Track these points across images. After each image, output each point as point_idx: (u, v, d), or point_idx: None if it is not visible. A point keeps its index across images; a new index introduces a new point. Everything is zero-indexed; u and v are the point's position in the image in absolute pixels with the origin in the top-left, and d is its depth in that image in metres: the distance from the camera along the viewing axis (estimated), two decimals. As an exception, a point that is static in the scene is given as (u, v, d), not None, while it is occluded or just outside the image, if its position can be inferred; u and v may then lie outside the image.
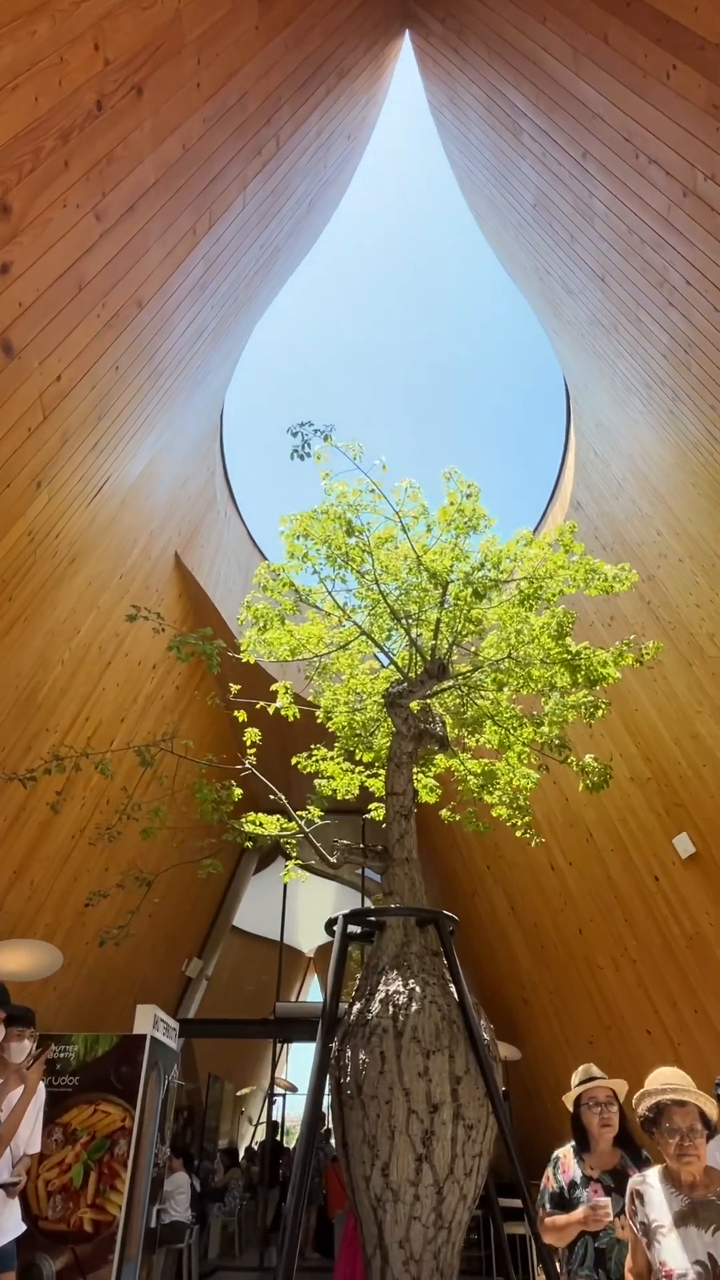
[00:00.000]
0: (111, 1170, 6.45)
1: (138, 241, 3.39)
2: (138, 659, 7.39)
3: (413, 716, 6.04)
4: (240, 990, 15.14)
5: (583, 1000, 8.42)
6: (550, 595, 5.83)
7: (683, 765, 7.08)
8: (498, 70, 4.26)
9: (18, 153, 2.60)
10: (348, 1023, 4.93)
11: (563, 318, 5.71)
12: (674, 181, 3.45)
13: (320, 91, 4.18)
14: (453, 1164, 4.50)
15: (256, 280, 4.85)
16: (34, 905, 6.82)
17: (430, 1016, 4.75)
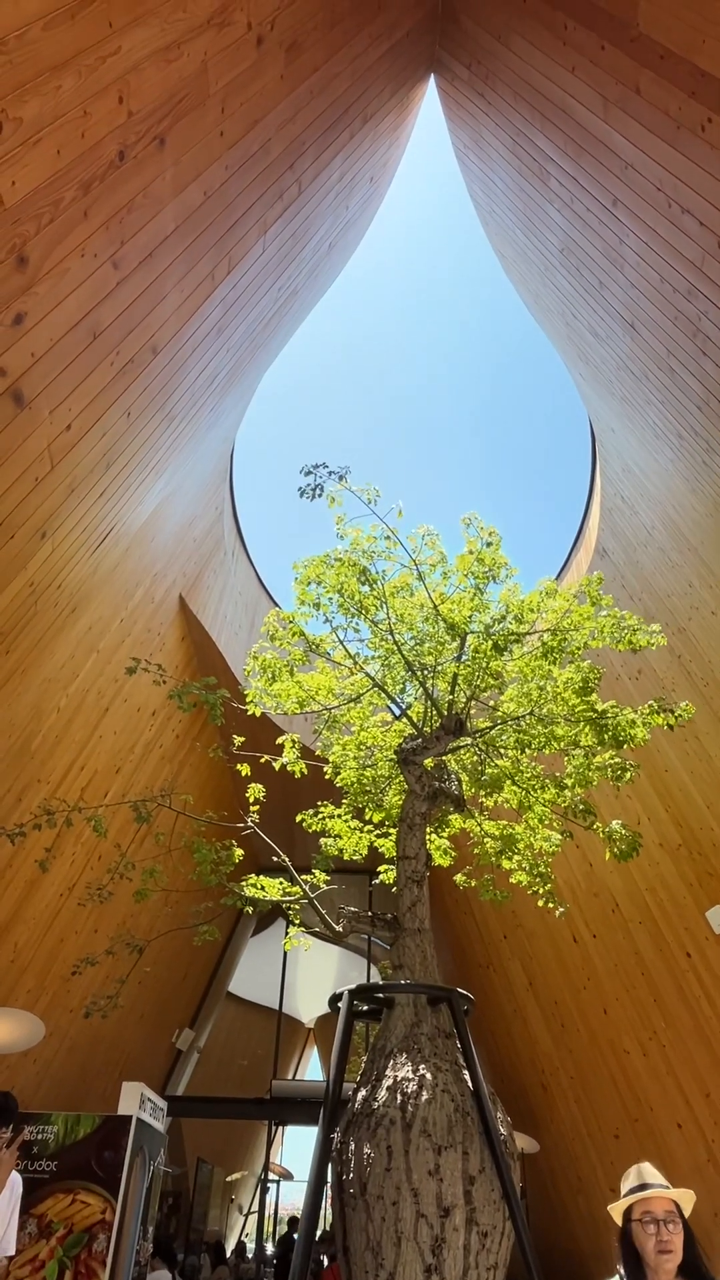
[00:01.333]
0: (89, 1269, 6.24)
1: (155, 288, 3.49)
2: (136, 705, 7.40)
3: (427, 774, 6.00)
4: (234, 1064, 14.80)
5: (607, 1088, 8.17)
6: (575, 649, 5.82)
7: (717, 832, 6.98)
8: (524, 116, 4.42)
9: (38, 204, 2.70)
10: (352, 1111, 4.81)
11: (589, 362, 5.81)
12: (708, 232, 3.54)
13: (344, 136, 4.34)
14: (465, 1276, 4.35)
15: (273, 323, 4.97)
16: (16, 970, 6.74)
17: (442, 1107, 4.63)
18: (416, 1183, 4.38)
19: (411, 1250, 4.29)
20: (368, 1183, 4.44)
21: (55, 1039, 7.65)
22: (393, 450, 46.06)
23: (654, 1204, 2.70)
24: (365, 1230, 4.42)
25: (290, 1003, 14.64)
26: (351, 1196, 4.44)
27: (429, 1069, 4.79)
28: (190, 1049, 11.81)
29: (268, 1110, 11.19)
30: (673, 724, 5.51)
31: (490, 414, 41.27)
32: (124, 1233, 6.58)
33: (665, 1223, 2.61)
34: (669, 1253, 2.55)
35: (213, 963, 12.82)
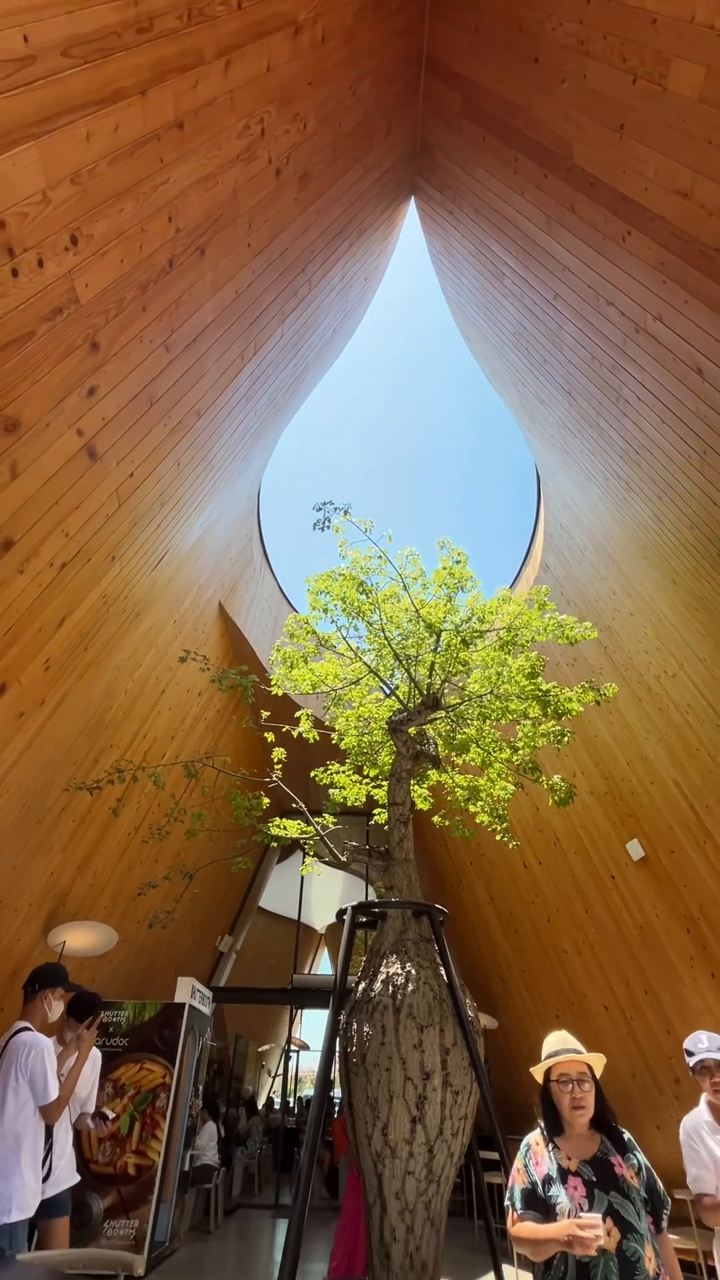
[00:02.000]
0: (153, 1120, 6.26)
1: (197, 366, 3.47)
2: (186, 687, 7.37)
3: (411, 740, 6.01)
4: (263, 962, 14.82)
5: (549, 979, 8.19)
6: (524, 642, 5.82)
7: (634, 783, 6.98)
8: (484, 229, 4.39)
9: (106, 302, 2.68)
10: (354, 999, 4.81)
11: (536, 420, 5.79)
12: (628, 320, 3.52)
13: (345, 245, 4.30)
14: (442, 1125, 4.35)
15: (290, 391, 4.94)
16: (95, 891, 6.73)
17: (424, 995, 4.63)
18: (404, 1054, 4.38)
19: (400, 1105, 4.29)
20: (366, 1054, 4.45)
21: (126, 944, 7.65)
22: (381, 486, 45.96)
23: (569, 1066, 2.49)
24: (365, 1091, 4.43)
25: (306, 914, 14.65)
26: (354, 1065, 4.45)
27: (413, 966, 4.79)
28: (230, 951, 11.83)
29: (289, 997, 11.20)
30: (601, 700, 5.51)
31: (458, 460, 41.23)
32: (179, 1093, 6.60)
33: (579, 1082, 2.42)
34: (581, 1108, 2.38)
35: (246, 884, 12.84)
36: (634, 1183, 2.18)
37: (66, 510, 3.14)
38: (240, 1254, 7.09)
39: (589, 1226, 1.95)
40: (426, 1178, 4.21)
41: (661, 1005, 6.75)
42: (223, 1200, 8.13)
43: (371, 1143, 4.30)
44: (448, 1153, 4.32)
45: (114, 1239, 5.73)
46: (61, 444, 2.84)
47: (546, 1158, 2.33)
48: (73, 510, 3.18)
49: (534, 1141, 2.48)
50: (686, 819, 6.35)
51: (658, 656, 6.25)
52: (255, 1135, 11.26)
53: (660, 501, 4.35)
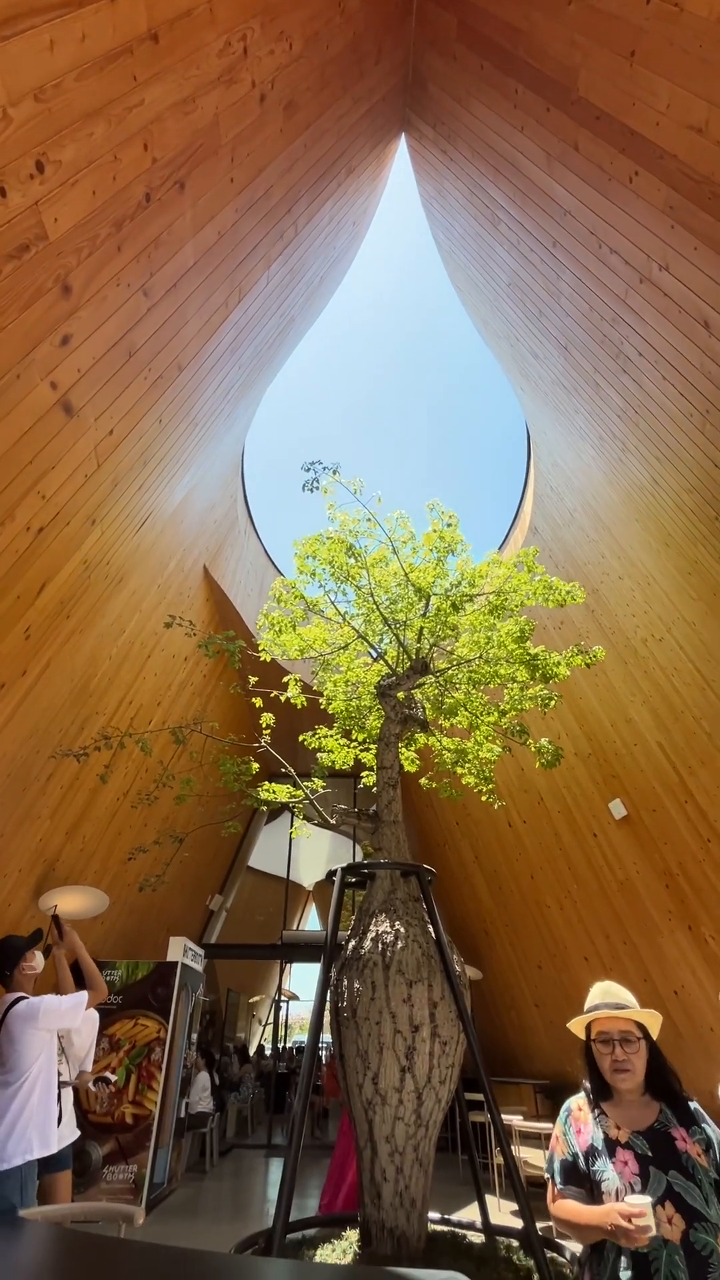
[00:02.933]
0: (149, 1073, 6.40)
1: (179, 314, 3.22)
2: (172, 653, 7.24)
3: (399, 704, 5.97)
4: (253, 919, 15.10)
5: (532, 932, 8.42)
6: (514, 606, 5.75)
7: (618, 744, 7.05)
8: (480, 169, 4.12)
9: (77, 239, 2.45)
10: (344, 956, 4.88)
11: (529, 377, 5.59)
12: (632, 269, 3.33)
13: (332, 185, 4.01)
14: (430, 1074, 4.46)
15: (275, 344, 4.68)
16: (85, 857, 6.71)
17: (412, 952, 4.70)
18: (394, 1008, 4.46)
19: (390, 1056, 4.38)
20: (357, 1008, 4.52)
21: (117, 906, 7.68)
22: (367, 445, 44.92)
23: (608, 1024, 2.07)
24: (356, 1043, 4.51)
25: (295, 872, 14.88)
26: (346, 1019, 4.52)
27: (402, 924, 4.85)
28: (220, 909, 12.01)
29: (279, 952, 11.47)
30: (590, 663, 5.49)
31: (449, 418, 40.27)
32: (174, 1046, 6.74)
33: (622, 1043, 2.02)
34: (626, 1072, 1.98)
35: (236, 844, 12.97)
36: (701, 1161, 1.79)
37: (42, 470, 2.94)
38: (235, 1191, 7.36)
39: (635, 1215, 1.61)
40: (415, 1122, 4.34)
41: (640, 955, 6.97)
42: (217, 1142, 8.42)
43: (362, 1091, 4.41)
44: (435, 1099, 4.44)
45: (113, 1183, 5.89)
46: (34, 398, 2.63)
47: (591, 1125, 1.94)
48: (49, 470, 2.98)
49: (576, 1106, 2.06)
50: (669, 779, 6.44)
51: (645, 620, 6.22)
52: (247, 1081, 11.65)
53: (658, 463, 4.23)
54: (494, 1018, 9.50)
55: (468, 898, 9.78)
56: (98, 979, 3.52)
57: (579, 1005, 6.92)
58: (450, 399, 38.14)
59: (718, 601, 4.63)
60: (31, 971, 3.51)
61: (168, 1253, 2.02)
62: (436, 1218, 5.18)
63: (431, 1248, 4.29)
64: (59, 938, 3.79)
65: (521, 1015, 8.81)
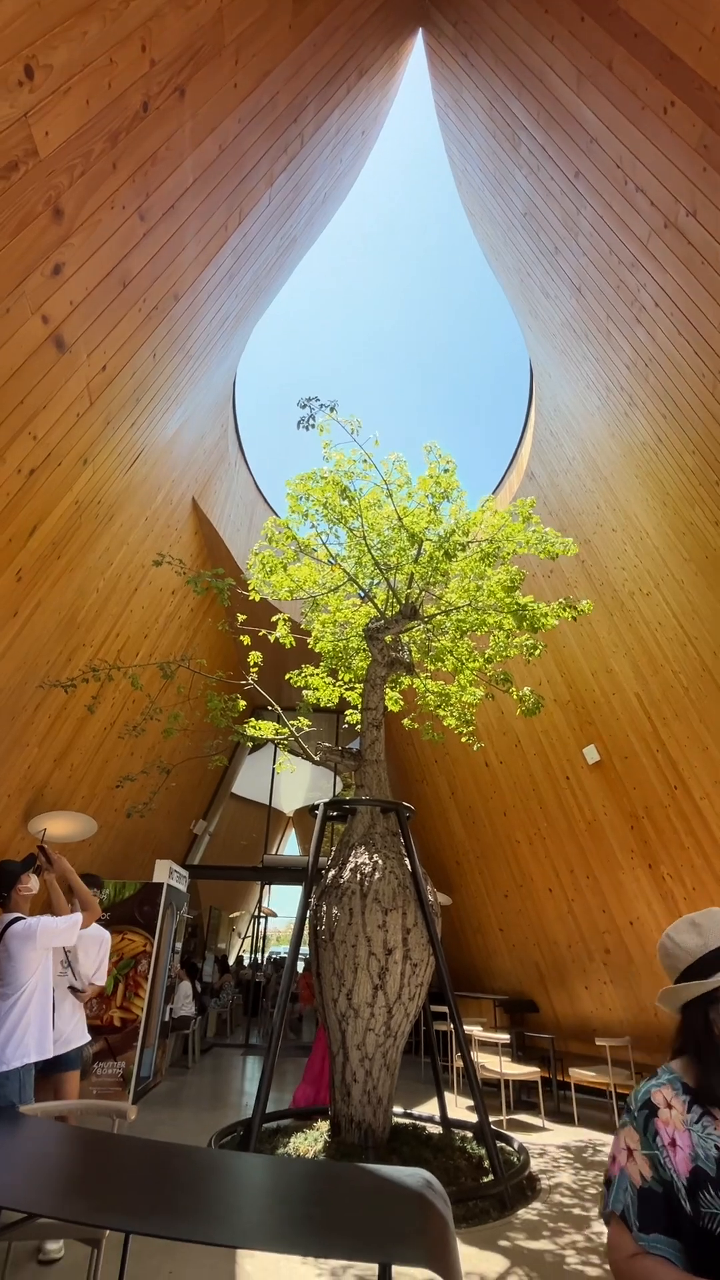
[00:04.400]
0: (135, 982, 6.83)
1: (176, 239, 2.99)
2: (159, 586, 7.19)
3: (386, 647, 6.05)
4: (236, 843, 15.72)
5: (501, 864, 8.90)
6: (506, 555, 5.76)
7: (596, 693, 7.25)
8: (503, 81, 3.79)
9: (70, 156, 2.23)
10: (324, 884, 5.17)
11: (538, 316, 5.35)
12: (657, 212, 3.14)
13: (341, 91, 3.66)
14: (400, 992, 4.83)
15: (275, 269, 4.39)
16: (73, 784, 6.88)
17: (389, 883, 4.99)
18: (369, 933, 4.77)
19: (364, 975, 4.73)
20: (335, 932, 4.83)
21: (105, 831, 7.94)
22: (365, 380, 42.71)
23: None
24: (332, 963, 4.85)
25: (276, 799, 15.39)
26: (324, 942, 4.84)
27: (380, 857, 5.12)
28: (204, 833, 12.49)
29: (260, 874, 12.03)
30: (577, 617, 5.57)
31: (450, 353, 38.20)
32: (159, 959, 7.16)
33: None
34: None
35: (220, 772, 13.31)
36: None
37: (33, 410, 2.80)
38: (214, 1084, 8.03)
39: None
40: (385, 1033, 4.74)
41: (600, 888, 7.43)
42: (199, 1042, 9.11)
43: (337, 1005, 4.79)
44: (405, 1013, 4.84)
45: (103, 1077, 6.39)
46: (25, 333, 2.46)
47: (693, 1133, 1.14)
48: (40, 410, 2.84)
49: (663, 1102, 1.21)
50: (643, 729, 6.67)
51: (634, 574, 6.27)
52: (227, 989, 12.47)
53: (664, 420, 4.15)
54: (461, 940, 10.17)
55: (442, 830, 10.24)
56: (90, 900, 3.73)
57: (541, 930, 7.50)
58: (454, 331, 36.00)
59: (709, 565, 4.67)
60: (27, 893, 3.69)
61: (156, 1147, 2.24)
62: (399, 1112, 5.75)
63: (394, 1138, 4.79)
64: (48, 864, 3.97)
65: (487, 939, 9.45)
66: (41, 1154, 2.10)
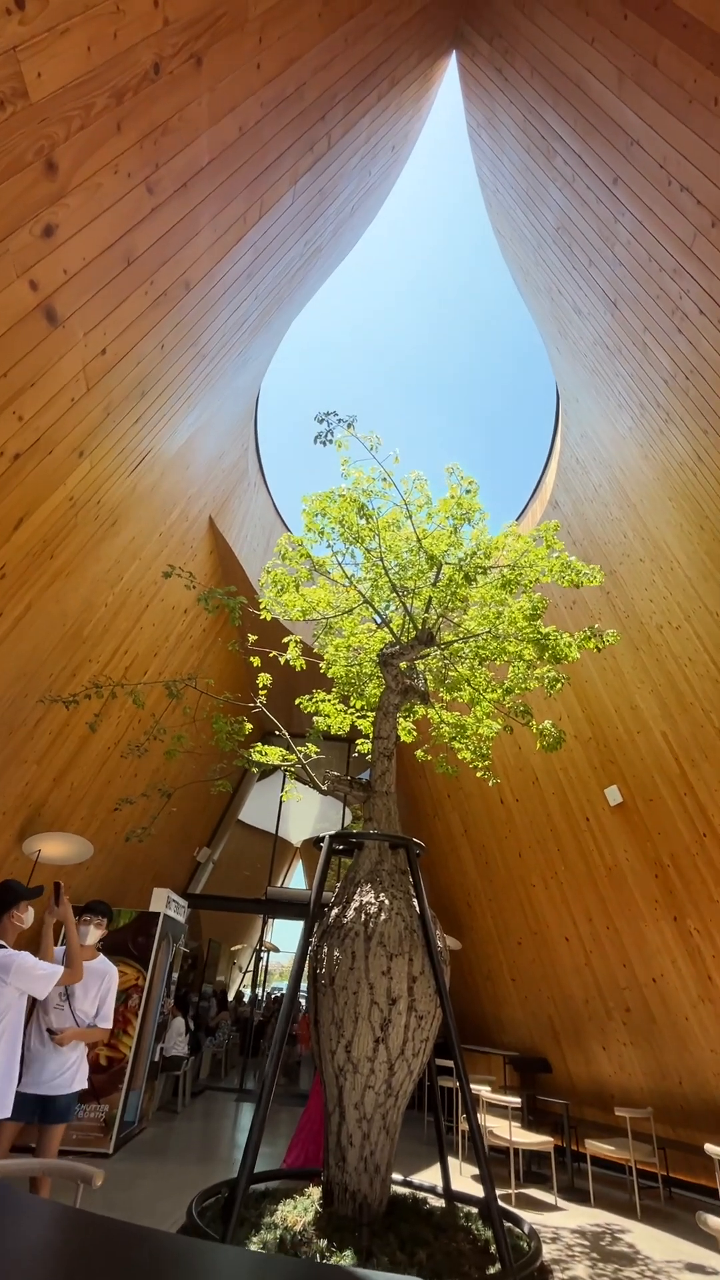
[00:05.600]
0: (125, 1018, 6.40)
1: (189, 221, 2.82)
2: (171, 604, 6.98)
3: (401, 674, 5.76)
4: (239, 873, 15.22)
5: (515, 909, 8.37)
6: (528, 582, 5.47)
7: (620, 730, 6.84)
8: (539, 91, 3.64)
9: (67, 105, 2.05)
10: (326, 924, 4.77)
11: (568, 336, 5.15)
12: (703, 210, 2.92)
13: (373, 96, 3.53)
14: (404, 1046, 4.38)
15: (299, 276, 4.25)
16: (72, 804, 6.58)
17: (395, 925, 4.59)
18: (373, 979, 4.36)
19: (365, 1026, 4.30)
20: (335, 976, 4.42)
21: (103, 854, 7.60)
22: (390, 403, 43.09)
23: None
24: (332, 1011, 4.42)
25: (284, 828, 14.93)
26: (324, 986, 4.43)
27: (387, 896, 4.73)
28: (207, 861, 12.04)
29: (262, 907, 11.54)
30: (602, 647, 5.22)
31: (476, 380, 38.39)
32: (152, 993, 6.72)
33: None
34: None
35: (226, 798, 12.93)
36: None
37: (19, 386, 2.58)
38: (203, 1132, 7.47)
39: None
40: (385, 1092, 4.27)
41: (621, 941, 6.88)
42: (190, 1084, 8.55)
43: (335, 1057, 4.34)
44: (407, 1070, 4.38)
45: (85, 1120, 5.93)
46: (9, 297, 2.24)
47: None
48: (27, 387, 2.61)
49: None
50: (670, 770, 6.23)
51: (663, 606, 5.92)
52: (224, 1027, 11.86)
53: (705, 436, 3.87)
54: (470, 987, 9.55)
55: (453, 869, 9.73)
56: (77, 961, 3.42)
57: (556, 983, 6.86)
58: (479, 361, 36.13)
59: (747, 593, 4.33)
60: (19, 924, 3.40)
61: (114, 1228, 1.86)
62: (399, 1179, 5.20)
63: (392, 1211, 4.27)
64: (55, 904, 3.67)
65: (497, 987, 8.84)
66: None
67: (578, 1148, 6.75)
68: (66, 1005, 3.84)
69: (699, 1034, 6.09)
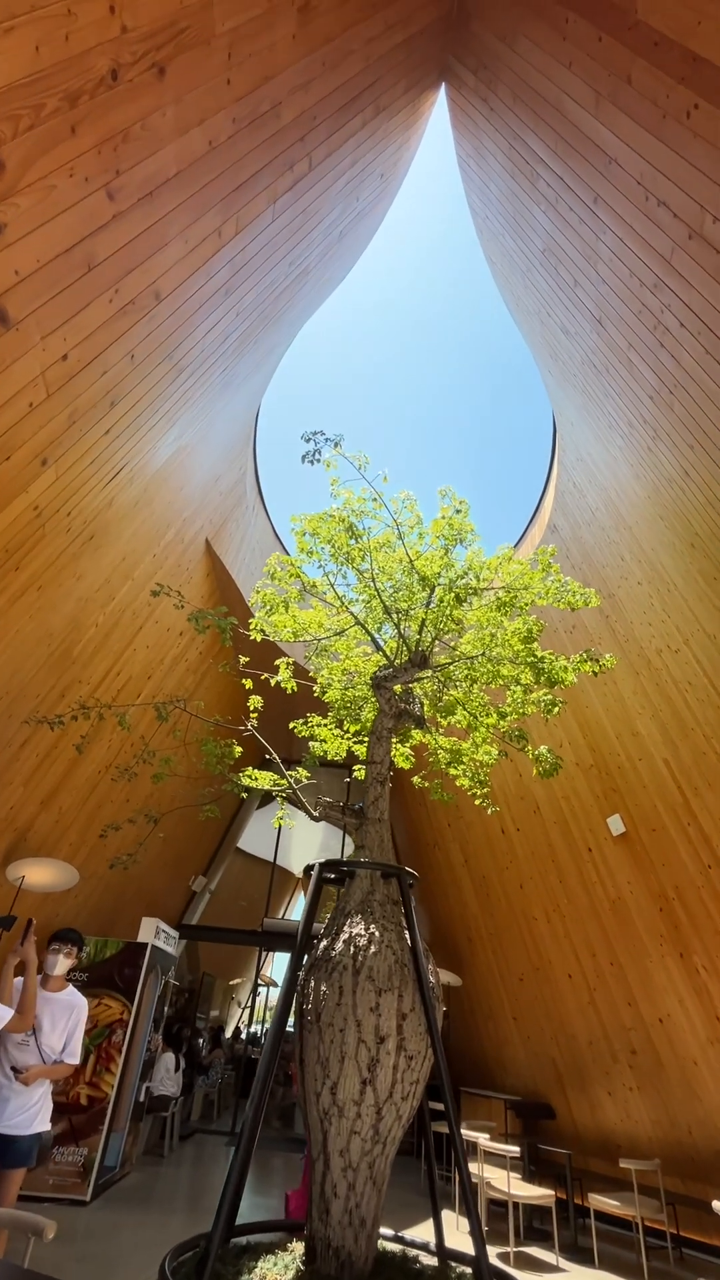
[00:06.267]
0: (108, 1054, 6.13)
1: (157, 231, 2.79)
2: (166, 626, 6.90)
3: (395, 697, 5.62)
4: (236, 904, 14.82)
5: (517, 944, 8.03)
6: (523, 605, 5.35)
7: (621, 757, 6.62)
8: (521, 118, 3.67)
9: (13, 104, 2.02)
10: (314, 957, 4.56)
11: (558, 359, 5.13)
12: (680, 224, 2.88)
13: (357, 121, 3.56)
14: (392, 1089, 4.13)
15: (285, 296, 4.24)
16: (60, 829, 6.41)
17: (385, 959, 4.37)
18: (360, 1016, 4.13)
19: (352, 1066, 4.06)
20: (321, 1013, 4.20)
21: (93, 880, 7.40)
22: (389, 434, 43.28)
23: None
24: (318, 1049, 4.19)
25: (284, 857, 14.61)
26: (309, 1023, 4.21)
27: (378, 928, 4.52)
28: (203, 891, 11.72)
29: (259, 939, 11.18)
30: (598, 671, 5.06)
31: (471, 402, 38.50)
32: (137, 1029, 6.44)
33: None
34: None
35: (224, 825, 12.66)
36: None
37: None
38: (191, 1179, 7.08)
39: None
40: (373, 1138, 4.01)
41: (626, 978, 6.55)
42: (179, 1126, 8.16)
43: (320, 1100, 4.09)
44: (396, 1115, 4.11)
45: (62, 1164, 5.63)
46: None
47: None
48: (-23, 389, 2.54)
49: None
50: (672, 799, 5.99)
51: (662, 630, 5.76)
52: (217, 1065, 11.39)
53: (691, 451, 3.78)
54: (470, 1027, 9.13)
55: (454, 901, 9.39)
56: (29, 1009, 3.23)
57: (559, 1023, 6.46)
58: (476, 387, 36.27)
59: (743, 612, 4.18)
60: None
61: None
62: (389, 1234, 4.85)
63: (379, 1269, 3.96)
64: (21, 941, 3.50)
65: (499, 1027, 8.43)
66: None
67: (582, 1201, 6.31)
68: (32, 1039, 3.63)
69: (709, 1079, 5.72)
